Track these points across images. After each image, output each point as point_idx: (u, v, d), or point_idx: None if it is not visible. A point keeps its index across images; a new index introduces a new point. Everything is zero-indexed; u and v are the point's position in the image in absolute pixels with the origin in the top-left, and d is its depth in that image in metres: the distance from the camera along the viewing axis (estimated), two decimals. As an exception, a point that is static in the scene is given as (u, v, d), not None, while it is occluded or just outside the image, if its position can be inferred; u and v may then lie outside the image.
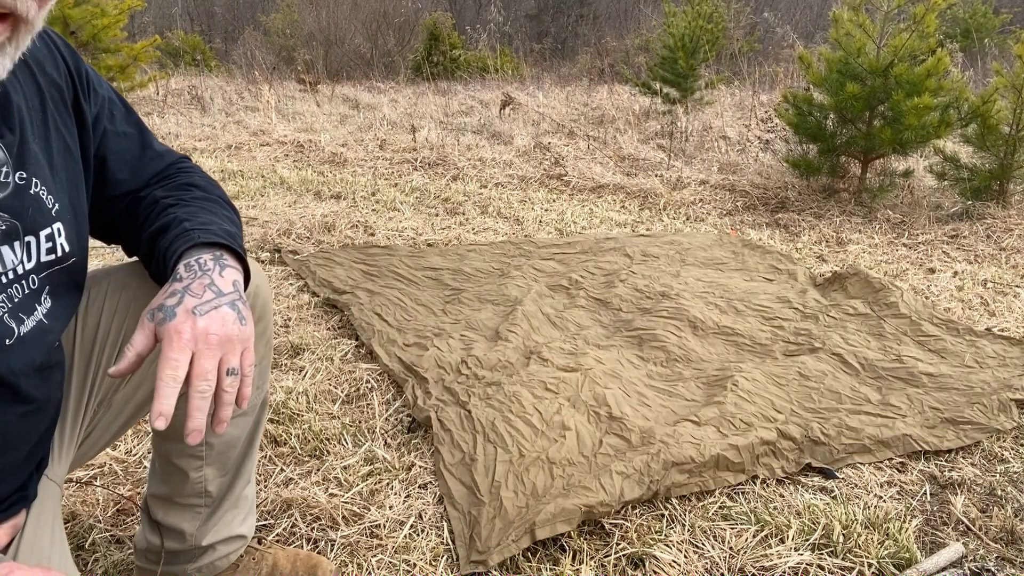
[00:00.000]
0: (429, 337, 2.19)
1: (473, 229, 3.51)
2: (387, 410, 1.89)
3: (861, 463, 1.68)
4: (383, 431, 1.81)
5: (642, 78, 6.63)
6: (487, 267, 2.83)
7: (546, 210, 3.89)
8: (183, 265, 0.92)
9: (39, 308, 0.90)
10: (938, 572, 1.37)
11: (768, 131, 5.72)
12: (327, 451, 1.72)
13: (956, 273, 3.03)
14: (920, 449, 1.73)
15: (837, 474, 1.65)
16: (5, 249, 0.84)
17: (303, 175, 4.50)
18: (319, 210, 3.66)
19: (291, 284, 2.73)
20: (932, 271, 3.09)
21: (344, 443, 1.75)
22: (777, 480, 1.63)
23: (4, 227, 0.84)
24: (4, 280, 0.84)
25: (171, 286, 0.90)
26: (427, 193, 4.16)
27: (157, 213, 1.01)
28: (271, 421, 1.80)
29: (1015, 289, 2.86)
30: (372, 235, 3.32)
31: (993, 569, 1.38)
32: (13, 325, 0.86)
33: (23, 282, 0.87)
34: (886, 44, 3.91)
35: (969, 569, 1.38)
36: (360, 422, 1.84)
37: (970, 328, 2.33)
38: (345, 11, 12.69)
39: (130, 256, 1.07)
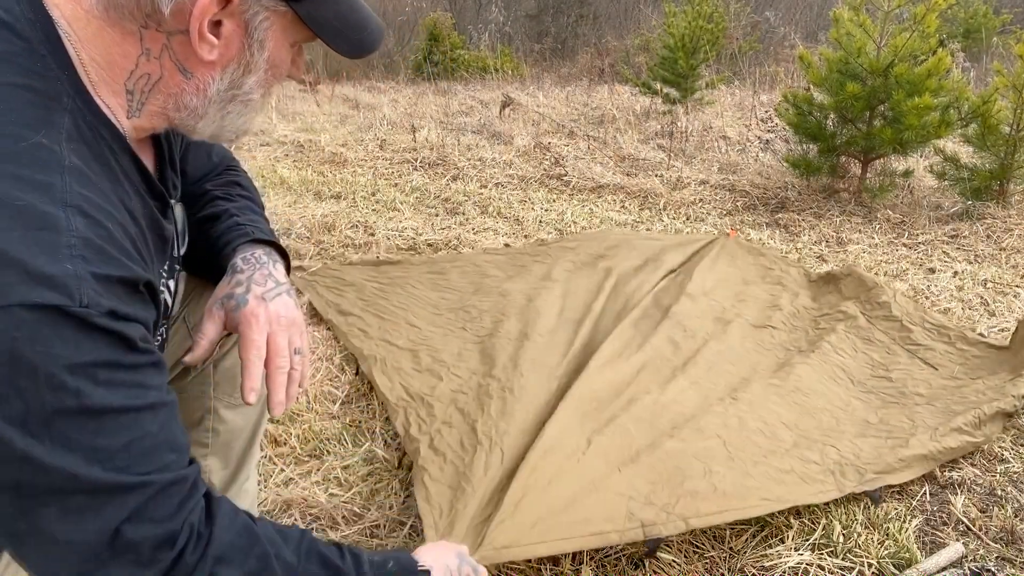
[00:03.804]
0: (446, 364, 2.00)
1: (473, 229, 3.51)
2: (387, 410, 1.89)
3: (893, 484, 1.59)
4: (383, 431, 1.81)
5: (642, 78, 6.62)
6: (511, 286, 2.57)
7: (546, 210, 3.89)
8: (240, 259, 1.00)
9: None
10: (938, 572, 1.37)
11: (768, 131, 5.72)
12: (327, 451, 1.72)
13: (956, 273, 3.03)
14: (934, 467, 1.66)
15: (882, 497, 1.56)
16: (168, 292, 0.91)
17: (303, 175, 4.50)
18: (319, 210, 3.66)
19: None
20: (932, 271, 3.09)
21: (344, 443, 1.75)
22: (777, 480, 1.63)
23: (177, 274, 0.93)
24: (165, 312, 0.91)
25: (233, 277, 0.98)
26: (427, 193, 4.16)
27: (206, 203, 1.08)
28: (271, 421, 1.80)
29: (1015, 289, 2.86)
30: (372, 235, 3.32)
31: (993, 569, 1.38)
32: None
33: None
34: (886, 44, 3.90)
35: (969, 569, 1.38)
36: (360, 422, 1.84)
37: (963, 335, 2.25)
38: (345, 11, 12.63)
39: None
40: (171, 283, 0.91)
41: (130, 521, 0.64)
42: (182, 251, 0.94)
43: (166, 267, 0.86)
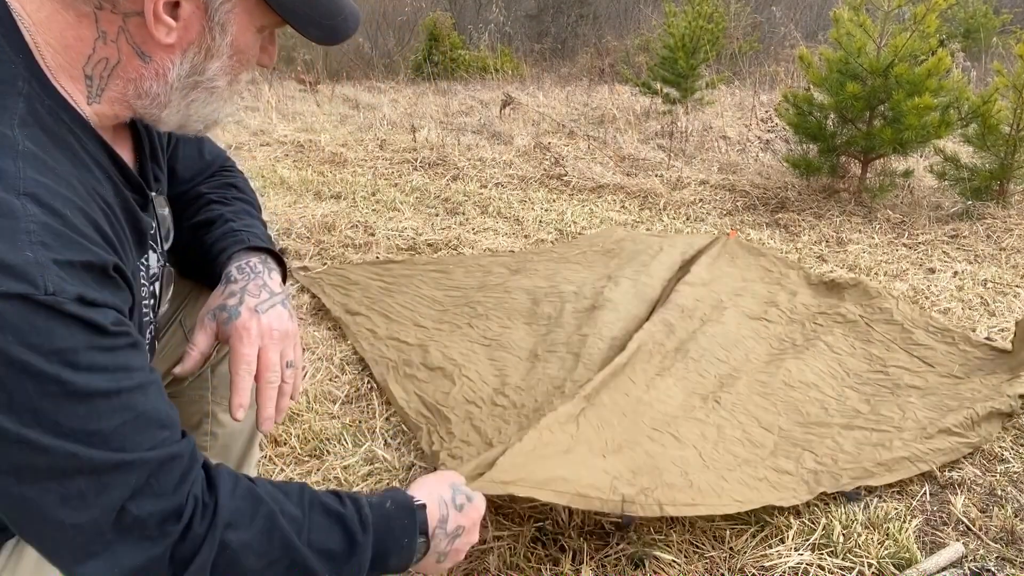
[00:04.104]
0: (456, 363, 2.00)
1: (473, 229, 3.51)
2: (387, 410, 1.89)
3: (873, 486, 1.58)
4: (383, 431, 1.81)
5: (642, 78, 6.63)
6: (515, 283, 2.58)
7: (546, 210, 3.89)
8: (235, 267, 0.98)
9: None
10: (938, 572, 1.37)
11: (768, 131, 5.71)
12: (327, 451, 1.72)
13: (956, 273, 3.03)
14: (921, 471, 1.63)
15: (861, 495, 1.56)
16: (157, 287, 0.90)
17: (303, 175, 4.50)
18: (319, 210, 3.66)
19: (290, 284, 2.73)
20: (932, 271, 3.09)
21: (344, 443, 1.75)
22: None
23: (166, 272, 0.92)
24: (155, 308, 0.91)
25: (227, 287, 0.95)
26: (427, 193, 4.16)
27: (201, 206, 1.06)
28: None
29: (1015, 289, 2.86)
30: (372, 235, 3.32)
31: (993, 569, 1.38)
32: (150, 353, 0.92)
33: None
34: (886, 44, 3.90)
35: (969, 569, 1.38)
36: (360, 422, 1.84)
37: (967, 337, 2.23)
38: (345, 11, 12.64)
39: None
40: (157, 282, 0.89)
41: (134, 499, 0.64)
42: (166, 247, 0.92)
43: (145, 260, 0.84)
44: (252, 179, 4.36)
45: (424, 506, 0.89)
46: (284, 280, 1.03)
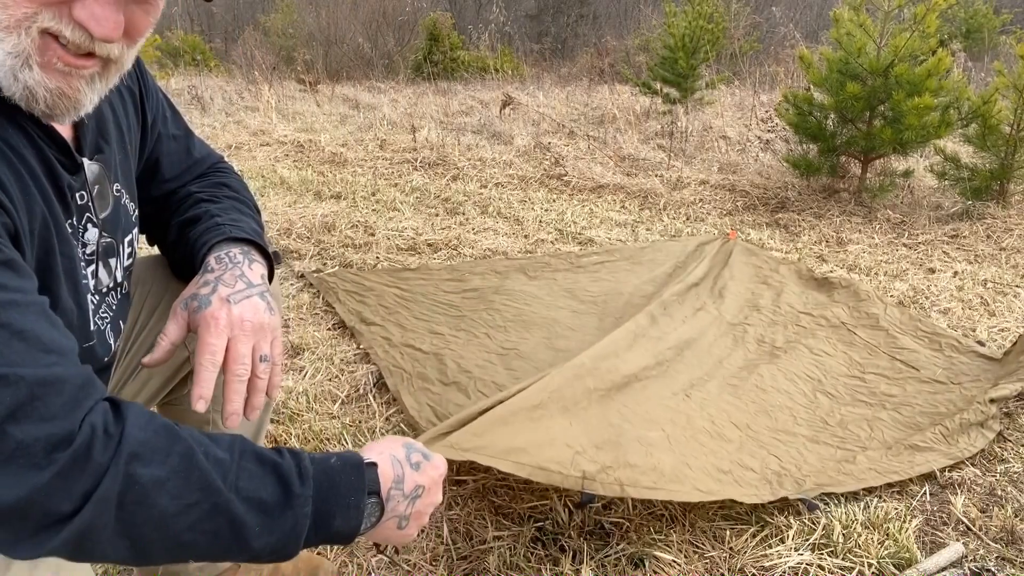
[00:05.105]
0: (472, 375, 1.98)
1: (473, 229, 3.51)
2: (387, 410, 1.89)
3: (834, 492, 1.56)
4: (383, 431, 1.81)
5: (642, 78, 6.63)
6: (533, 291, 2.59)
7: (546, 210, 3.89)
8: (214, 258, 0.95)
9: (127, 310, 0.95)
10: (938, 572, 1.37)
11: (768, 131, 5.72)
12: (327, 451, 1.72)
13: (956, 273, 3.03)
14: (890, 480, 1.61)
15: (818, 504, 1.53)
16: (103, 264, 0.88)
17: (303, 175, 4.50)
18: (319, 210, 3.66)
19: (292, 284, 2.73)
20: (932, 271, 3.09)
21: (344, 443, 1.75)
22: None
23: (104, 245, 0.88)
24: (103, 290, 0.88)
25: (203, 276, 0.93)
26: (427, 193, 4.16)
27: (189, 205, 1.05)
28: (271, 421, 1.80)
29: (1015, 289, 2.86)
30: (372, 235, 3.32)
31: (993, 569, 1.38)
32: (111, 341, 0.89)
33: (117, 289, 0.91)
34: (887, 44, 3.91)
35: (969, 569, 1.38)
36: (360, 422, 1.84)
37: (954, 343, 2.21)
38: (345, 11, 12.70)
39: (150, 243, 1.11)
40: (95, 256, 0.86)
41: (15, 420, 0.59)
42: (103, 215, 0.87)
43: (75, 223, 0.82)
44: (252, 179, 4.37)
45: (375, 464, 0.81)
46: (271, 275, 1.00)
